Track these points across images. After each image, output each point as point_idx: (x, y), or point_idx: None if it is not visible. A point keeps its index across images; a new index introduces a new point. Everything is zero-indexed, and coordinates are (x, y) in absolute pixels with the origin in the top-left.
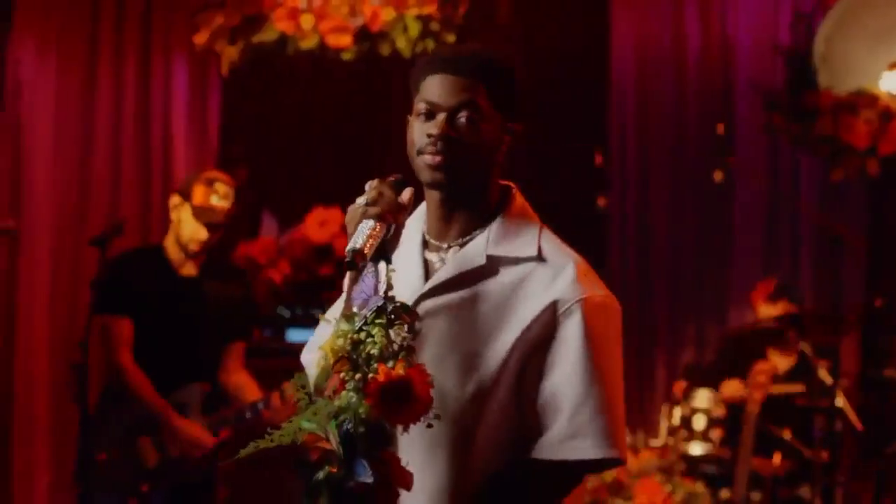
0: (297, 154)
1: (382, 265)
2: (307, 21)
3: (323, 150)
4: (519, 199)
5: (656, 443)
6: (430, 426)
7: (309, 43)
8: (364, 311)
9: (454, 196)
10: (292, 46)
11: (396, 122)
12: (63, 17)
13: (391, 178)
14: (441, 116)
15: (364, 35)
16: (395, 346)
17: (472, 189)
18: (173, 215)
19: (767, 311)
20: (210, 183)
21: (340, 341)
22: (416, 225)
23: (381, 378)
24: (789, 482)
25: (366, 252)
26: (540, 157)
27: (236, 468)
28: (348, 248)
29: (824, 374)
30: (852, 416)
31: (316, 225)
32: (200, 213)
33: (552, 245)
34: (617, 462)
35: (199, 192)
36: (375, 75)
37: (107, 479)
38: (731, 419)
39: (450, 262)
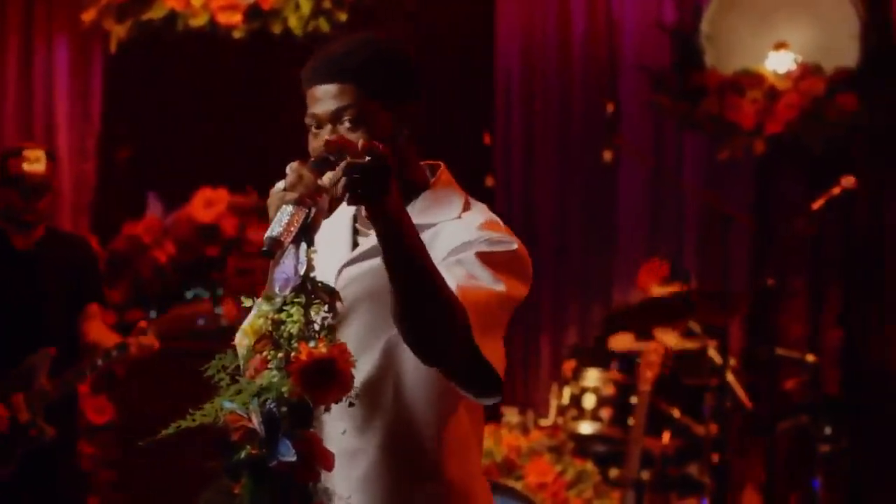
0: (183, 134)
1: (303, 246)
2: None
3: (210, 129)
4: (445, 176)
5: (546, 422)
6: (351, 405)
7: (199, 20)
8: (284, 292)
9: None
10: (182, 24)
11: (286, 101)
12: None
13: (312, 159)
14: (325, 128)
15: (255, 13)
16: (317, 326)
17: None
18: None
19: (661, 293)
20: (17, 153)
21: (261, 321)
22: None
23: (303, 357)
24: (678, 460)
25: (282, 240)
26: (429, 139)
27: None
28: (266, 235)
29: (713, 353)
30: (741, 393)
31: (201, 205)
32: (15, 183)
33: (475, 209)
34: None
35: (10, 166)
36: (266, 54)
37: None
38: (620, 398)
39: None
